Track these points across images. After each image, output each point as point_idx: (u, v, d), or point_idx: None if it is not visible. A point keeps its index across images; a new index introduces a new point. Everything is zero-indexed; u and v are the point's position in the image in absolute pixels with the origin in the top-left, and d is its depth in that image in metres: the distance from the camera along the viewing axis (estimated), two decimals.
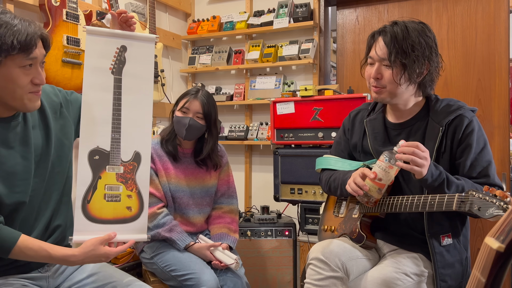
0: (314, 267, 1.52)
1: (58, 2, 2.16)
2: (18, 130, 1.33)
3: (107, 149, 1.41)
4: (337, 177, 1.68)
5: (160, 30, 3.07)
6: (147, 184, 1.47)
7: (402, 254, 1.57)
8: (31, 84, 1.25)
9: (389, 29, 1.51)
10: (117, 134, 1.42)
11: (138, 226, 1.45)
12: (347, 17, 3.02)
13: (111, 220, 1.41)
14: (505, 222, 0.65)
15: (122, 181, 1.43)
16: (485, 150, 1.50)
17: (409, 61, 1.47)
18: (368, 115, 1.73)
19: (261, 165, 3.22)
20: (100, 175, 1.40)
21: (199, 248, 1.95)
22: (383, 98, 1.56)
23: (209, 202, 2.15)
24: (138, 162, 1.45)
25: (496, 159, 2.54)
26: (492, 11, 2.57)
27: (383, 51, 1.51)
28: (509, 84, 2.54)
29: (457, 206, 1.29)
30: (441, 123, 1.51)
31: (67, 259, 1.29)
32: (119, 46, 1.42)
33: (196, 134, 2.06)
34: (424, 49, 1.48)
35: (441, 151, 1.51)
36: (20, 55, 1.20)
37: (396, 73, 1.49)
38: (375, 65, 1.54)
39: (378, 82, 1.54)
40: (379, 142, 1.65)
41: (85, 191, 1.38)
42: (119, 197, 1.42)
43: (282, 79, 3.05)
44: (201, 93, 2.04)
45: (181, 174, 2.07)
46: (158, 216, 1.96)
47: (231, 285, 1.88)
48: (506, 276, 1.23)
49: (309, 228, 2.46)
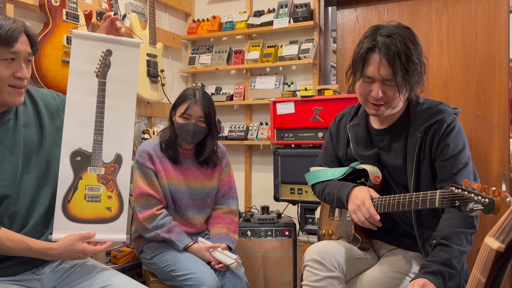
0: (310, 269, 1.52)
1: (58, 2, 2.16)
2: (8, 126, 1.37)
3: (89, 151, 1.45)
4: (331, 192, 1.66)
5: (160, 30, 3.07)
6: (128, 185, 1.51)
7: (400, 253, 1.57)
8: (12, 77, 1.29)
9: (386, 43, 1.39)
10: (100, 136, 1.46)
11: (117, 227, 1.49)
12: (347, 17, 3.02)
13: (91, 220, 1.45)
14: (505, 222, 0.65)
15: (103, 182, 1.47)
16: (462, 152, 1.46)
17: (413, 76, 1.41)
18: (351, 119, 1.70)
19: (261, 165, 3.22)
20: (81, 175, 1.44)
21: (199, 248, 1.95)
22: (383, 113, 1.49)
23: (210, 203, 2.14)
24: (119, 164, 1.49)
25: (496, 159, 2.54)
26: (492, 11, 2.57)
27: (387, 71, 1.39)
28: (509, 84, 2.54)
29: (439, 202, 1.28)
30: (420, 130, 1.48)
31: (46, 252, 1.32)
32: (104, 50, 1.46)
33: (200, 137, 2.06)
34: (419, 56, 1.43)
35: (421, 158, 1.50)
36: (1, 48, 1.25)
37: (401, 90, 1.42)
38: (374, 83, 1.44)
39: (380, 100, 1.45)
40: (361, 148, 1.64)
41: (66, 190, 1.41)
42: (99, 197, 1.46)
43: (282, 79, 3.05)
44: (199, 96, 2.01)
45: (181, 175, 2.07)
46: (157, 217, 1.96)
47: (230, 285, 1.88)
48: (506, 276, 1.22)
49: (309, 228, 2.46)
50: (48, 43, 2.12)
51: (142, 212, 1.97)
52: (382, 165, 1.61)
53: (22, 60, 1.31)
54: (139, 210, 1.98)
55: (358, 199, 1.51)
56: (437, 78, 2.68)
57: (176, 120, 2.03)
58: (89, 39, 1.44)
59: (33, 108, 1.46)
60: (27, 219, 1.38)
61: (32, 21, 2.23)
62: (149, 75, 2.76)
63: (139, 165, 2.02)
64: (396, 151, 1.56)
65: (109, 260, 2.29)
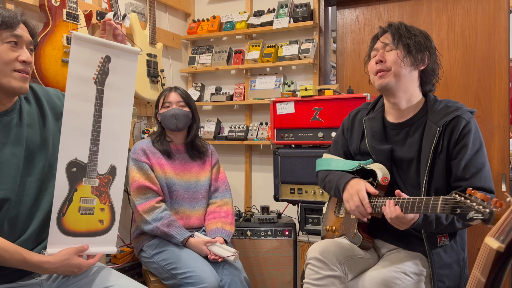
0: (312, 267, 1.53)
1: (58, 2, 2.16)
2: (11, 126, 1.35)
3: (85, 161, 1.39)
4: (332, 179, 1.71)
5: (160, 30, 3.07)
6: (120, 197, 1.47)
7: (402, 253, 1.58)
8: (17, 62, 1.30)
9: (391, 23, 1.62)
10: (96, 146, 1.41)
11: (108, 239, 1.45)
12: (347, 17, 3.02)
13: (84, 233, 1.40)
14: (505, 222, 0.65)
15: (96, 194, 1.42)
16: (480, 152, 1.49)
17: (412, 43, 1.54)
18: (368, 114, 1.75)
19: (261, 165, 3.22)
20: (76, 187, 1.38)
21: (196, 242, 1.97)
22: (388, 82, 1.56)
23: (204, 195, 2.18)
24: (113, 176, 1.45)
25: (496, 159, 2.54)
26: (492, 11, 2.57)
27: (387, 38, 1.59)
28: (509, 84, 2.54)
29: (441, 209, 1.29)
30: (439, 124, 1.51)
31: (41, 265, 1.29)
32: (103, 56, 1.41)
33: (185, 122, 2.15)
34: (425, 38, 1.58)
35: (438, 152, 1.52)
36: (5, 31, 1.28)
37: (400, 53, 1.54)
38: (378, 54, 1.60)
39: (382, 65, 1.57)
40: (376, 141, 1.67)
41: (61, 203, 1.36)
42: (92, 210, 1.42)
43: (282, 79, 3.05)
44: (174, 87, 2.20)
45: (175, 169, 2.13)
46: (156, 210, 1.98)
47: (228, 280, 1.89)
48: (506, 276, 1.22)
49: (309, 228, 2.46)
50: (48, 43, 2.12)
51: (142, 204, 1.99)
52: (394, 162, 1.62)
53: (24, 46, 1.33)
54: (139, 203, 2.00)
55: (353, 189, 1.57)
56: None
57: (159, 113, 2.17)
58: (89, 42, 1.39)
59: (37, 108, 1.44)
60: (27, 224, 1.36)
61: (32, 21, 2.23)
62: (149, 75, 2.76)
63: (134, 161, 2.07)
64: (411, 145, 1.58)
65: (109, 260, 2.29)
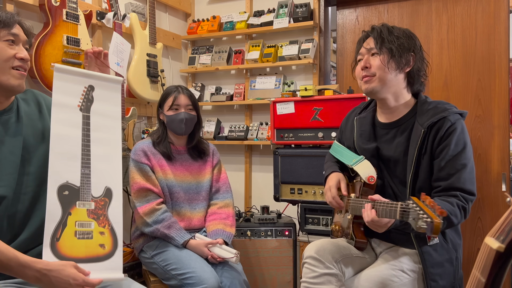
0: (308, 266, 1.55)
1: (58, 2, 2.16)
2: (10, 124, 1.36)
3: (77, 185, 1.37)
4: (325, 168, 1.86)
5: (160, 30, 3.07)
6: (120, 220, 1.44)
7: (398, 251, 1.59)
8: (15, 59, 1.33)
9: (375, 27, 1.63)
10: (87, 169, 1.40)
11: (113, 265, 1.38)
12: (347, 17, 3.02)
13: (84, 259, 1.33)
14: (505, 222, 0.65)
15: (93, 217, 1.39)
16: (462, 153, 1.48)
17: (395, 47, 1.55)
18: (360, 113, 1.78)
19: (261, 165, 3.22)
20: (70, 211, 1.34)
21: (197, 244, 1.97)
22: (374, 87, 1.58)
23: (205, 197, 2.18)
24: (110, 198, 1.43)
25: (496, 159, 2.54)
26: (492, 11, 2.57)
27: (371, 43, 1.60)
28: (509, 84, 2.54)
29: (400, 215, 1.29)
30: (424, 125, 1.52)
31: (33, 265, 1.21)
32: (86, 85, 1.44)
33: (191, 126, 2.16)
34: (408, 38, 1.59)
35: (422, 152, 1.53)
36: (2, 30, 1.31)
37: (383, 58, 1.55)
38: (363, 59, 1.61)
39: (367, 71, 1.59)
40: (363, 140, 1.70)
41: (54, 228, 1.30)
42: (91, 234, 1.36)
43: (282, 79, 3.05)
44: (182, 88, 2.17)
45: (176, 170, 2.13)
46: (157, 211, 1.98)
47: (227, 282, 1.89)
48: (506, 276, 1.23)
49: (309, 228, 2.46)
50: (48, 43, 2.12)
51: (142, 206, 1.99)
52: (382, 160, 1.65)
53: (21, 44, 1.37)
54: (139, 205, 2.00)
55: (328, 184, 1.72)
56: (437, 78, 2.68)
57: (166, 114, 2.09)
58: (70, 74, 1.41)
59: (36, 109, 1.46)
60: (26, 223, 1.36)
61: (32, 21, 2.23)
62: (149, 75, 2.76)
63: (135, 162, 2.06)
64: (397, 145, 1.60)
65: None
